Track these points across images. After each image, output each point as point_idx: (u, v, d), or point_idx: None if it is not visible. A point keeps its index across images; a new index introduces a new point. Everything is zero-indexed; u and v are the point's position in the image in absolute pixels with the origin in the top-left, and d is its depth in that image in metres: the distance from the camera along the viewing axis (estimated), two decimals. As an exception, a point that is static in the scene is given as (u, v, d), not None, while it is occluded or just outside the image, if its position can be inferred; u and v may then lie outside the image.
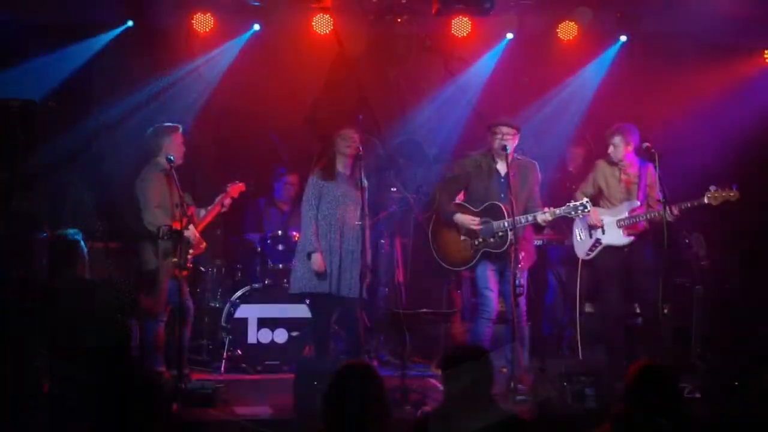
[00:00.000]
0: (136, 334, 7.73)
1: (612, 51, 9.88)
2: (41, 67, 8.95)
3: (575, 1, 9.57)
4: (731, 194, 7.55)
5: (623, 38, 9.78)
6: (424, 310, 8.04)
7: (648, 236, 7.86)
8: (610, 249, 7.93)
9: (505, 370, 7.54)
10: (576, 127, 9.80)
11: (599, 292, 8.21)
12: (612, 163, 8.04)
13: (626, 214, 7.86)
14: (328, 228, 7.62)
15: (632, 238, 7.81)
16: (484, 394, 4.16)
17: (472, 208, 7.67)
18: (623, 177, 7.96)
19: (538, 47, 9.93)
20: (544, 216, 7.37)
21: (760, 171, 7.95)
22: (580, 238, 8.12)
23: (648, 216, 7.77)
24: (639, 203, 7.84)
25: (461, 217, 7.64)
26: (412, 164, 9.57)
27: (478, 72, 9.94)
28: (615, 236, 7.92)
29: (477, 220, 7.56)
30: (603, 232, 7.95)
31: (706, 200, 7.59)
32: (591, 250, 8.01)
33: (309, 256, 7.54)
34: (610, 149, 7.96)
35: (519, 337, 7.36)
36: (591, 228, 8.02)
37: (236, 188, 8.19)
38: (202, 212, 7.97)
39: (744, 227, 8.96)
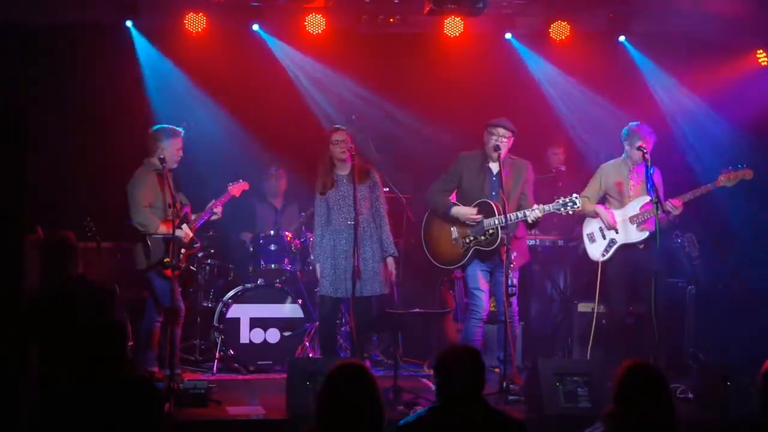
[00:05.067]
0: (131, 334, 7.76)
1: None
2: (35, 67, 8.94)
3: (568, 1, 9.57)
4: (745, 173, 7.57)
5: (622, 38, 9.78)
6: (417, 310, 8.04)
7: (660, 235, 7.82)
8: (625, 247, 7.93)
9: (497, 370, 7.56)
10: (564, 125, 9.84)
11: (605, 291, 8.22)
12: (620, 164, 8.03)
13: (638, 211, 7.85)
14: (333, 233, 7.79)
15: (647, 233, 7.72)
16: (476, 395, 4.16)
17: (463, 206, 7.67)
18: (633, 176, 7.94)
19: (530, 47, 9.94)
20: (534, 213, 7.35)
21: (756, 171, 7.95)
22: (593, 240, 8.09)
23: (661, 209, 7.74)
24: (649, 199, 7.74)
25: (459, 210, 7.64)
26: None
27: (471, 72, 9.96)
28: (629, 234, 7.88)
29: (475, 210, 7.56)
30: (616, 231, 7.94)
31: (720, 183, 7.63)
32: (606, 251, 8.00)
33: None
34: (633, 153, 7.89)
35: (511, 337, 7.38)
36: (604, 229, 8.04)
37: (239, 187, 8.18)
38: (193, 216, 7.96)
39: (739, 226, 8.99)
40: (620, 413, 4.09)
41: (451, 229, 7.71)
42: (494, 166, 7.60)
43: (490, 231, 7.47)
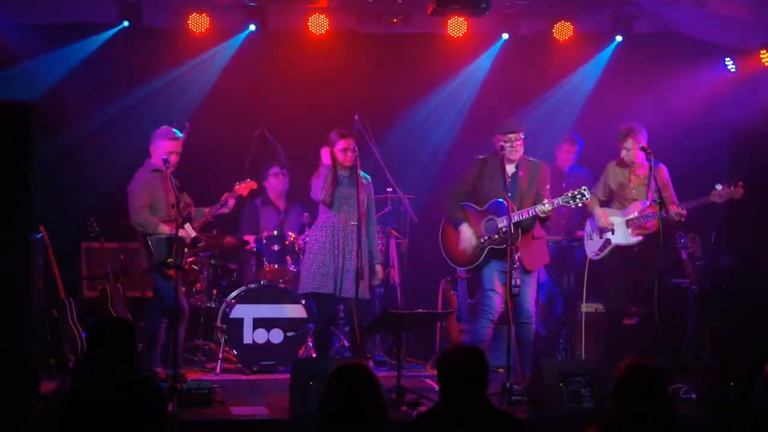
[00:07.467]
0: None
1: (607, 51, 9.88)
2: (37, 67, 8.95)
3: (570, 1, 9.57)
4: (735, 191, 7.58)
5: (618, 38, 9.76)
6: (420, 310, 8.04)
7: (657, 237, 7.85)
8: (619, 249, 7.97)
9: (501, 370, 7.56)
10: (568, 125, 9.82)
11: (601, 291, 8.23)
12: (623, 165, 8.07)
13: (636, 214, 7.88)
14: (333, 230, 7.73)
15: (640, 237, 7.78)
16: (479, 395, 4.16)
17: (476, 207, 7.69)
18: (633, 178, 7.96)
19: (533, 48, 9.94)
20: (543, 207, 7.34)
21: (759, 171, 7.94)
22: (591, 238, 8.17)
23: (665, 211, 7.76)
24: (648, 203, 7.80)
25: (465, 229, 7.65)
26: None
27: (473, 73, 9.97)
28: (624, 236, 7.95)
29: (475, 240, 7.58)
30: (613, 232, 7.99)
31: (711, 198, 7.64)
32: (600, 250, 8.05)
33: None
34: (623, 153, 7.94)
35: (525, 339, 7.42)
36: (601, 230, 8.06)
37: (246, 186, 8.16)
38: (204, 210, 7.96)
39: (742, 227, 8.98)
40: (618, 412, 4.09)
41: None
42: (510, 168, 7.60)
43: (504, 229, 7.47)
